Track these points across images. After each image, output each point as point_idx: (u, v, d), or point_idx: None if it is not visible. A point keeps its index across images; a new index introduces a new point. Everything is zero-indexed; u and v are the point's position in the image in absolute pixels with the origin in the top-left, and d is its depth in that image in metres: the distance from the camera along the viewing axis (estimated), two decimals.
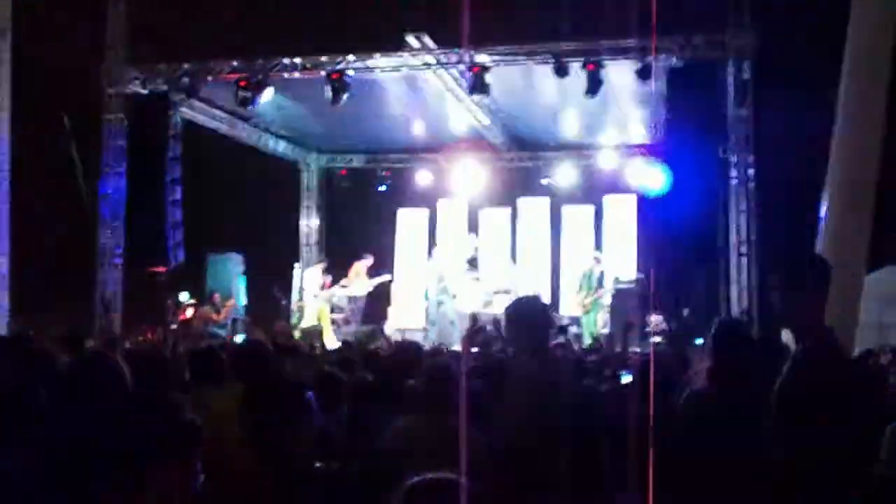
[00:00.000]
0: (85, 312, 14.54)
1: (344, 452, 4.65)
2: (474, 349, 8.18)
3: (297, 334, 15.27)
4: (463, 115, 16.98)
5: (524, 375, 4.19)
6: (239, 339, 13.92)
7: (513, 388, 4.26)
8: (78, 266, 14.89)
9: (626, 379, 5.53)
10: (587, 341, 14.57)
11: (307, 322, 16.66)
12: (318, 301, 16.81)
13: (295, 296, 17.94)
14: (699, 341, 10.65)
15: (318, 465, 4.19)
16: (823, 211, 11.01)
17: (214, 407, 4.19)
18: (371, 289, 18.35)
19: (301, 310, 17.41)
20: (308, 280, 16.86)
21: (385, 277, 18.68)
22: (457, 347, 12.58)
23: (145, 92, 15.75)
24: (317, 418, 4.38)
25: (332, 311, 17.31)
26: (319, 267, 17.06)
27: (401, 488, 2.39)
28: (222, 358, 5.48)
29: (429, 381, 4.30)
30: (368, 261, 18.39)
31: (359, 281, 18.12)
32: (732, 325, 4.66)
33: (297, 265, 17.01)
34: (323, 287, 16.96)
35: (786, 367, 3.42)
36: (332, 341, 15.22)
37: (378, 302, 18.82)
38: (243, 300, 17.71)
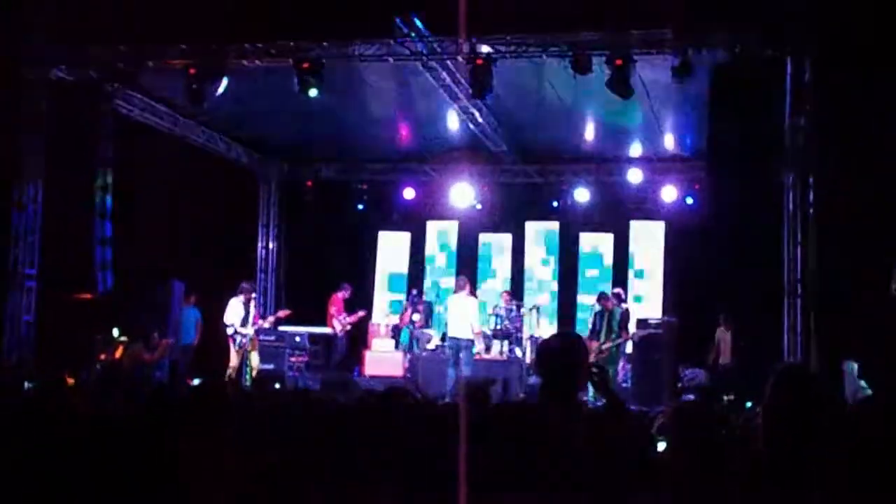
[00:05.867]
0: None
1: None
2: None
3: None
4: (458, 117, 16.79)
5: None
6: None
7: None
8: None
9: (661, 446, 5.46)
10: None
11: (233, 362, 16.21)
12: (242, 338, 16.29)
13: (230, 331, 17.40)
14: (749, 404, 10.44)
15: None
16: None
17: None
18: (348, 328, 18.12)
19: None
20: (230, 313, 16.38)
21: (359, 314, 18.46)
22: (447, 400, 12.43)
23: (72, 79, 15.48)
24: None
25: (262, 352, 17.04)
26: (241, 298, 16.60)
27: None
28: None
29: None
30: (345, 293, 18.14)
31: (335, 317, 17.87)
32: (799, 373, 4.50)
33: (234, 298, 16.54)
34: (251, 321, 16.43)
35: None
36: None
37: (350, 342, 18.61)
38: (193, 337, 17.33)
